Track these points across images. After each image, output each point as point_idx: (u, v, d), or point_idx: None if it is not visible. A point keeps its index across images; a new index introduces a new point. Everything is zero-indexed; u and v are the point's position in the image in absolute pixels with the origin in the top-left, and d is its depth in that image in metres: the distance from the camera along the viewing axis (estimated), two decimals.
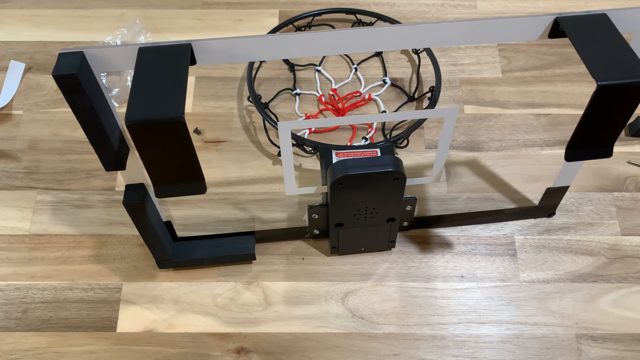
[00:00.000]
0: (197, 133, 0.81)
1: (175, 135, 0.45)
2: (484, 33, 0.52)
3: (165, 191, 0.51)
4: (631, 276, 0.69)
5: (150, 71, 0.47)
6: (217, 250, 0.69)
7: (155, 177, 0.50)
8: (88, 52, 0.48)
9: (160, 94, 0.45)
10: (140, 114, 0.44)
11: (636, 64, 0.47)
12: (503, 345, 0.66)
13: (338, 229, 0.66)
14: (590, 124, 0.50)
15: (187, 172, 0.50)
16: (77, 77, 0.46)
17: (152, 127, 0.44)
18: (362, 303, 0.69)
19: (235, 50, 0.50)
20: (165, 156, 0.48)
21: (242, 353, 0.66)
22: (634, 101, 0.48)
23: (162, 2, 0.93)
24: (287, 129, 0.55)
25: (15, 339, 0.67)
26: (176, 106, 0.44)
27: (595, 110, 0.48)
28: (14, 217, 0.75)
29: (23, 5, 0.93)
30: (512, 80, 0.84)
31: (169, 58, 0.48)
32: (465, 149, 0.79)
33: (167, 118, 0.44)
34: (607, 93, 0.46)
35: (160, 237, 0.64)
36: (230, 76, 0.86)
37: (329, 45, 0.51)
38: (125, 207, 0.58)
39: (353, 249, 0.71)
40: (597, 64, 0.47)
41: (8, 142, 0.81)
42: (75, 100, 0.48)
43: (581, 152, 0.53)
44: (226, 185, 0.77)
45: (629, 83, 0.46)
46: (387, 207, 0.64)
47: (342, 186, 0.59)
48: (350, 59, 0.87)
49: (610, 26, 0.49)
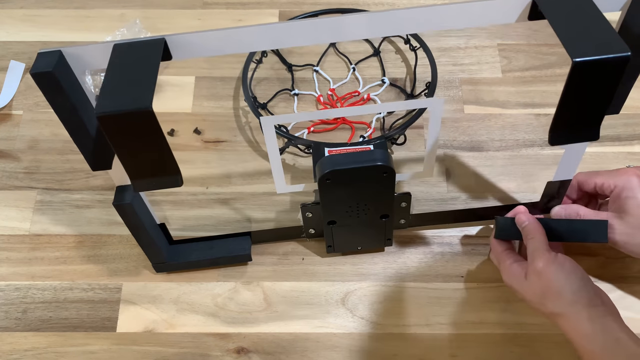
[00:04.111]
0: (197, 133, 0.81)
1: (144, 126, 0.46)
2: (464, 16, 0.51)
3: (142, 185, 0.52)
4: (631, 276, 0.69)
5: (123, 66, 0.48)
6: (213, 252, 0.69)
7: (131, 170, 0.51)
8: (66, 51, 0.49)
9: (130, 87, 0.46)
10: (109, 105, 0.45)
11: (613, 40, 0.45)
12: (503, 345, 0.66)
13: (331, 226, 0.66)
14: (570, 104, 0.49)
15: (161, 165, 0.50)
16: (53, 74, 0.47)
17: (121, 119, 0.45)
18: (362, 303, 0.69)
19: (209, 44, 0.51)
20: (138, 149, 0.48)
21: (242, 353, 0.66)
22: (612, 78, 0.46)
23: (162, 2, 0.93)
24: (271, 124, 0.55)
25: (15, 339, 0.67)
26: (144, 97, 0.45)
27: (574, 89, 0.47)
28: (14, 217, 0.75)
29: (23, 5, 0.93)
30: (512, 80, 0.84)
31: (142, 53, 0.49)
32: (465, 149, 0.79)
33: (135, 108, 0.44)
34: (583, 70, 0.45)
35: (154, 239, 0.64)
36: (230, 76, 0.86)
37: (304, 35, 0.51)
38: (116, 208, 0.59)
39: (349, 247, 0.70)
40: (573, 41, 0.45)
41: (8, 142, 0.81)
42: (54, 99, 0.49)
43: (565, 135, 0.52)
44: (226, 185, 0.77)
45: (605, 59, 0.44)
46: (379, 203, 0.63)
47: (330, 182, 0.59)
48: (348, 59, 0.87)
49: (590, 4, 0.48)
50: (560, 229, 0.63)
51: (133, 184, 0.52)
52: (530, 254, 0.60)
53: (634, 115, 0.80)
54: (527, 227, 0.62)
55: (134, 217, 0.60)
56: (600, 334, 0.54)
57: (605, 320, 0.55)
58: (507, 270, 0.62)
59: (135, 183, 0.52)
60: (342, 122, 0.81)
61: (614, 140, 0.79)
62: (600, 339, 0.54)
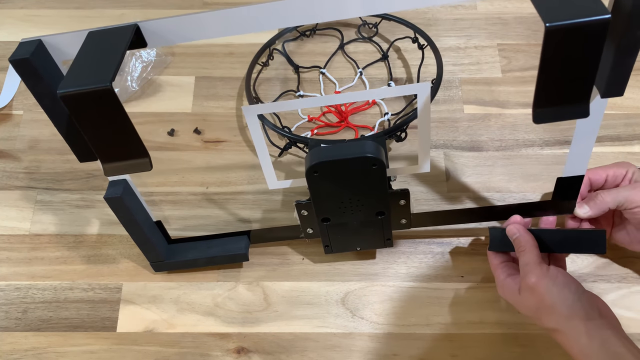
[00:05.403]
0: (197, 133, 0.81)
1: (106, 105, 0.47)
2: None
3: (112, 169, 0.53)
4: (631, 276, 0.69)
5: (91, 51, 0.49)
6: (210, 251, 0.69)
7: (100, 154, 0.51)
8: (46, 40, 0.50)
9: (93, 68, 0.47)
10: (71, 84, 0.46)
11: (590, 2, 0.42)
12: (503, 345, 0.66)
13: (326, 224, 0.64)
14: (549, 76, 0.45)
15: (128, 147, 0.51)
16: (30, 61, 0.48)
17: (82, 98, 0.46)
18: (362, 303, 0.69)
19: (184, 29, 0.51)
20: (103, 129, 0.49)
21: (242, 353, 0.66)
22: (592, 45, 0.43)
23: (162, 2, 0.93)
24: (253, 113, 0.54)
25: (15, 339, 0.67)
26: (104, 76, 0.46)
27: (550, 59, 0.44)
28: (14, 217, 0.75)
29: (23, 5, 0.93)
30: (512, 80, 0.84)
31: (112, 39, 0.49)
32: (465, 149, 0.79)
33: (95, 87, 0.45)
34: (557, 37, 0.42)
35: (149, 237, 0.64)
36: (230, 76, 0.86)
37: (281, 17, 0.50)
38: (106, 201, 0.59)
39: (347, 247, 0.69)
40: (548, 5, 0.42)
41: (8, 142, 0.81)
42: (33, 86, 0.50)
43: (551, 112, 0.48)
44: (226, 185, 0.77)
45: (580, 23, 0.41)
46: (372, 199, 0.61)
47: (317, 175, 0.57)
48: (355, 63, 0.87)
49: None
50: (553, 239, 0.62)
51: (104, 168, 0.53)
52: (522, 269, 0.59)
53: (634, 115, 0.80)
54: (517, 239, 0.61)
55: (125, 211, 0.60)
56: (599, 349, 0.53)
57: (604, 335, 0.54)
58: (501, 284, 0.61)
59: (105, 167, 0.52)
60: (346, 125, 0.81)
61: (614, 140, 0.79)
62: (600, 355, 0.53)
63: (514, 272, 0.62)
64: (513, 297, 0.60)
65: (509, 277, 0.61)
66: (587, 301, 0.56)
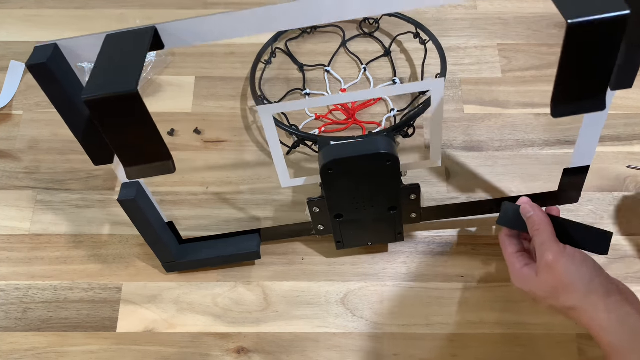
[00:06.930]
0: (197, 133, 0.81)
1: (131, 109, 0.46)
2: None
3: (135, 172, 0.52)
4: (631, 276, 0.69)
5: (112, 54, 0.49)
6: (222, 250, 0.69)
7: (123, 157, 0.51)
8: (62, 44, 0.50)
9: (117, 72, 0.47)
10: (95, 89, 0.45)
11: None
12: (503, 345, 0.66)
13: (339, 221, 0.65)
14: (569, 72, 0.46)
15: (152, 150, 0.50)
16: (47, 66, 0.48)
17: (107, 102, 0.46)
18: (362, 303, 0.69)
19: (201, 31, 0.51)
20: (127, 134, 0.49)
21: (242, 353, 0.66)
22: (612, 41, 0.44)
23: (162, 2, 0.93)
24: (269, 113, 0.54)
25: (15, 339, 0.67)
26: (130, 81, 0.45)
27: (572, 55, 0.44)
28: (14, 217, 0.75)
29: (23, 5, 0.93)
30: (512, 80, 0.84)
31: (131, 42, 0.49)
32: (465, 149, 0.79)
33: (121, 92, 0.45)
34: (579, 32, 0.42)
35: (162, 238, 0.64)
36: (230, 76, 0.86)
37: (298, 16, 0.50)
38: (120, 204, 0.59)
39: (359, 242, 0.69)
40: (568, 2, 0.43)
41: (8, 142, 0.81)
42: (50, 90, 0.50)
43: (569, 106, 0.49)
44: (226, 185, 0.77)
45: (602, 19, 0.42)
46: (385, 195, 0.62)
47: (332, 172, 0.58)
48: (359, 59, 0.87)
49: None
50: (561, 229, 0.61)
51: (126, 171, 0.52)
52: (539, 247, 0.57)
53: (634, 115, 0.80)
54: (531, 217, 0.59)
55: (139, 214, 0.60)
56: (619, 324, 0.53)
57: (623, 310, 0.53)
58: (518, 273, 0.60)
59: (128, 170, 0.52)
60: (354, 122, 0.81)
61: (614, 140, 0.79)
62: (619, 330, 0.52)
63: (530, 262, 0.60)
64: (530, 282, 0.58)
65: (526, 266, 0.59)
66: (605, 278, 0.56)
